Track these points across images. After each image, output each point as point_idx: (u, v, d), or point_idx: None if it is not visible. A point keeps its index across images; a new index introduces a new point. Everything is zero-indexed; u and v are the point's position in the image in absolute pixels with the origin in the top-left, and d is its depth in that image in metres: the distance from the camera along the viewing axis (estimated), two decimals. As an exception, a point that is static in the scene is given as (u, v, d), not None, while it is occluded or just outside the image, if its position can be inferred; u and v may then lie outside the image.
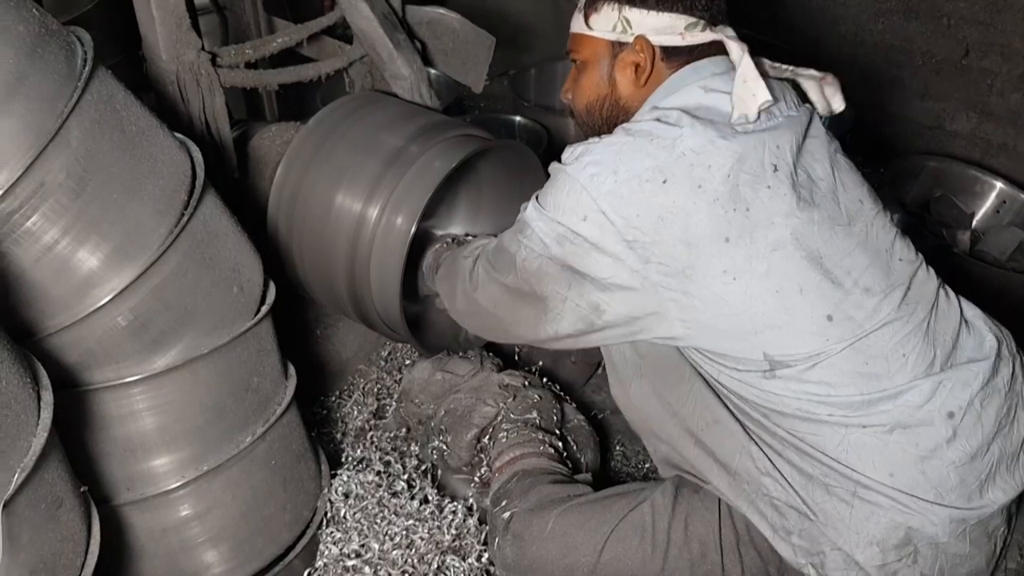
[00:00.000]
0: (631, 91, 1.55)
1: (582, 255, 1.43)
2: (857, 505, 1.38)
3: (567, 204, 1.42)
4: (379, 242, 1.88)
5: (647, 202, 1.36)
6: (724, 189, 1.35)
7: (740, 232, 1.36)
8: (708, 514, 1.55)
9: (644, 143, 1.39)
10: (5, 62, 1.21)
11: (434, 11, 2.30)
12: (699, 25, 1.47)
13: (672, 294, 1.39)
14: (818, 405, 1.39)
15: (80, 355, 1.38)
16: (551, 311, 1.49)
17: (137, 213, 1.38)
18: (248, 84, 1.99)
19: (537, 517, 1.66)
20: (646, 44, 1.50)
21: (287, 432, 1.70)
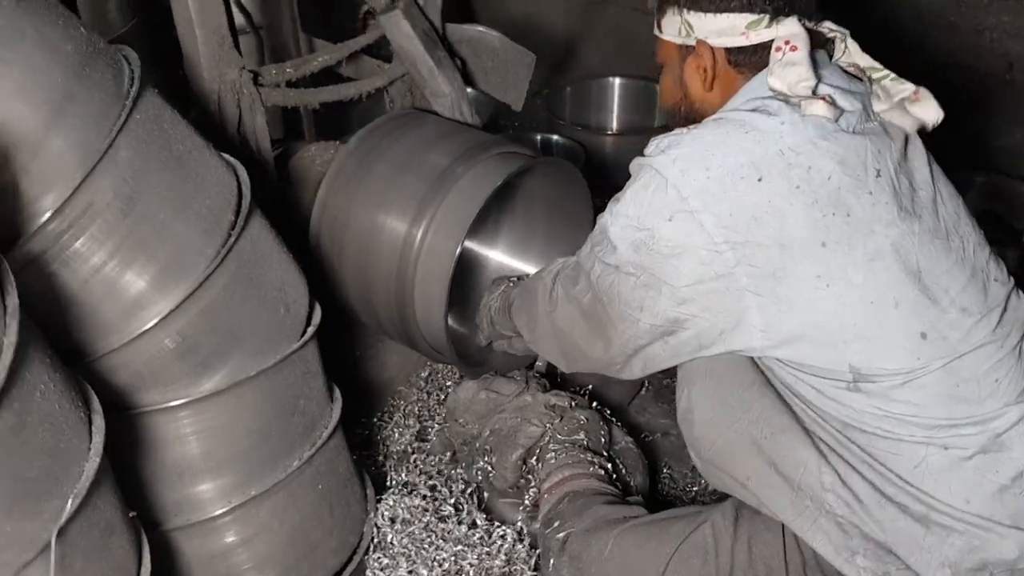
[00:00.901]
0: (702, 96, 1.51)
1: (661, 262, 1.37)
2: (933, 527, 1.33)
3: (651, 203, 1.36)
4: (423, 263, 1.85)
5: (741, 200, 1.31)
6: (824, 192, 1.30)
7: (838, 238, 1.30)
8: (771, 536, 1.50)
9: (739, 136, 1.34)
10: (53, 81, 1.20)
11: (474, 29, 2.28)
12: (763, 21, 1.40)
13: (758, 299, 1.34)
14: (901, 424, 1.34)
15: (128, 378, 1.36)
16: (626, 333, 1.45)
17: (185, 233, 1.35)
18: (290, 103, 1.98)
19: (595, 538, 1.62)
20: (708, 48, 1.46)
21: (334, 456, 1.67)
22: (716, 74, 1.47)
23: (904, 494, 1.35)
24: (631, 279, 1.41)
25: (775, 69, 1.37)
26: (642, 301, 1.40)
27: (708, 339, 1.41)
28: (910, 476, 1.34)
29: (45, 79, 1.19)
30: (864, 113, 1.38)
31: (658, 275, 1.38)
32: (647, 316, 1.41)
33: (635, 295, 1.41)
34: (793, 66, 1.35)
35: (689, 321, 1.39)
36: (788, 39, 1.37)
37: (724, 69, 1.47)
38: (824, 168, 1.31)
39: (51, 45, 1.21)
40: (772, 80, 1.37)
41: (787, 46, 1.36)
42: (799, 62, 1.35)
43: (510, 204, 2.24)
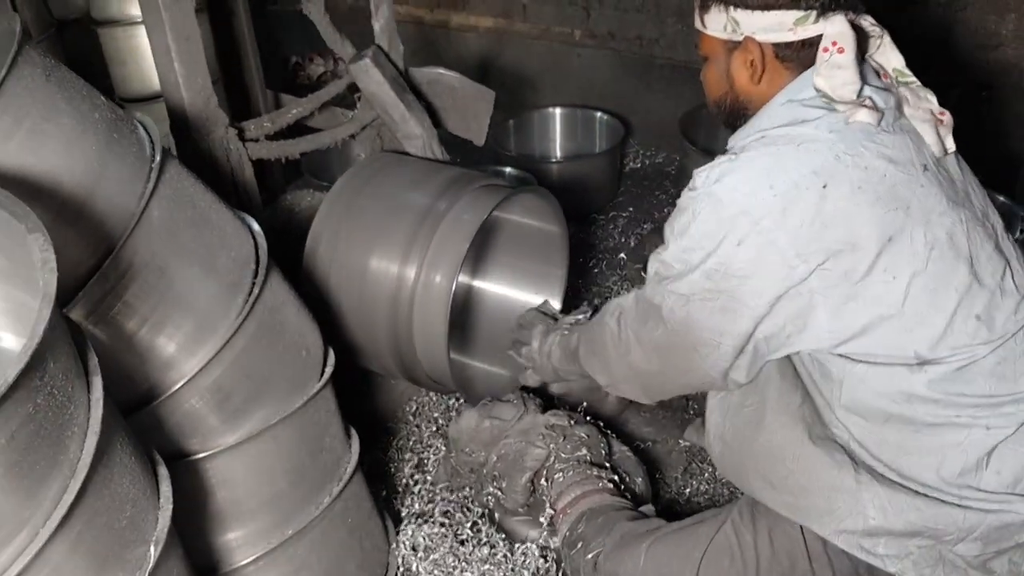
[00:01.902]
0: (749, 88, 1.54)
1: (736, 285, 1.41)
2: (969, 510, 1.40)
3: (718, 232, 1.40)
4: (420, 301, 1.92)
5: (810, 210, 1.36)
6: (883, 189, 1.37)
7: (901, 230, 1.37)
8: (789, 527, 1.56)
9: (792, 150, 1.39)
10: (88, 150, 1.25)
11: (433, 71, 2.37)
12: (810, 17, 1.43)
13: (828, 301, 1.39)
14: (950, 407, 1.40)
15: (170, 429, 1.40)
16: (709, 357, 1.49)
17: (215, 287, 1.41)
18: (273, 155, 2.04)
19: (627, 554, 1.68)
20: (755, 44, 1.48)
21: (358, 490, 1.72)
22: (765, 68, 1.50)
23: (946, 485, 1.42)
24: (708, 305, 1.45)
25: (822, 70, 1.42)
26: (721, 325, 1.45)
27: (776, 344, 1.47)
28: (951, 469, 1.41)
29: (81, 149, 1.23)
30: (897, 111, 1.46)
31: (736, 297, 1.42)
32: (728, 339, 1.46)
33: (713, 320, 1.46)
34: (840, 68, 1.41)
35: (759, 329, 1.45)
36: (835, 40, 1.41)
37: (772, 63, 1.50)
38: (878, 167, 1.37)
39: (83, 116, 1.25)
40: (818, 80, 1.43)
41: (834, 47, 1.41)
42: (846, 65, 1.41)
43: (491, 232, 2.34)
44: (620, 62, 3.77)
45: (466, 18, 4.19)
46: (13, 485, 0.89)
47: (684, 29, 3.56)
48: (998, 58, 2.98)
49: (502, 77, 3.96)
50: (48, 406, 0.91)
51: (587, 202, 3.29)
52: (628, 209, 3.39)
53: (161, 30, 1.74)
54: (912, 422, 1.43)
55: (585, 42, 3.85)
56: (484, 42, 4.14)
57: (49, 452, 0.93)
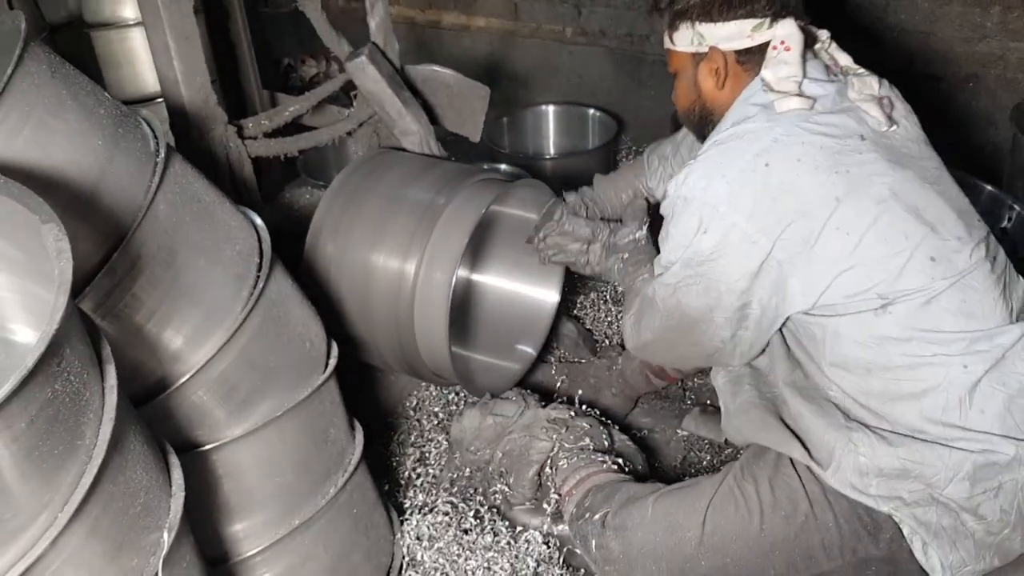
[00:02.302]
0: (715, 94, 1.72)
1: (709, 268, 1.58)
2: (955, 449, 1.48)
3: (687, 226, 1.58)
4: (420, 294, 1.94)
5: (758, 188, 1.51)
6: (821, 158, 1.51)
7: (847, 190, 1.50)
8: (787, 476, 1.64)
9: (737, 143, 1.56)
10: (95, 145, 1.27)
11: (429, 68, 2.39)
12: (765, 23, 1.62)
13: (795, 267, 1.53)
14: (924, 344, 1.50)
15: (178, 420, 1.41)
16: (708, 330, 1.65)
17: (221, 279, 1.42)
18: (271, 152, 2.06)
19: (635, 507, 1.74)
20: (719, 52, 1.67)
21: (362, 481, 1.74)
22: (728, 73, 1.69)
23: (931, 425, 1.50)
24: (692, 289, 1.62)
25: (769, 64, 1.61)
26: (708, 303, 1.62)
27: (769, 315, 1.61)
28: (933, 410, 1.50)
29: (88, 145, 1.25)
30: (838, 97, 1.61)
31: (712, 277, 1.59)
32: (718, 313, 1.62)
33: (700, 301, 1.62)
34: (784, 64, 1.59)
35: (752, 304, 1.59)
36: (784, 39, 1.60)
37: (734, 68, 1.68)
38: (815, 140, 1.52)
39: (88, 112, 1.27)
40: (765, 72, 1.60)
41: (782, 45, 1.60)
42: (791, 61, 1.59)
43: (489, 225, 2.36)
44: (611, 59, 3.80)
45: (457, 17, 4.22)
46: (33, 469, 0.91)
47: (674, 25, 3.59)
48: (983, 50, 3.02)
49: (495, 75, 3.98)
50: (65, 392, 0.93)
51: (581, 198, 3.31)
52: (622, 204, 3.41)
53: (160, 29, 1.76)
54: (890, 367, 1.53)
55: (577, 40, 3.87)
56: (476, 41, 4.17)
57: (67, 437, 0.95)
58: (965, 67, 3.09)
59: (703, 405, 2.39)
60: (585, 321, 2.71)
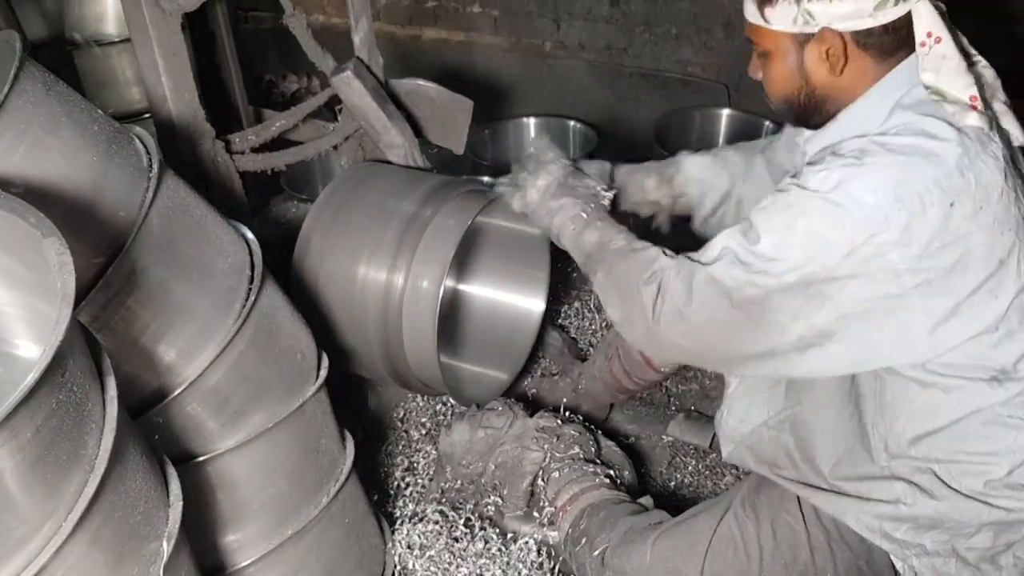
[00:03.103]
0: (829, 81, 1.45)
1: (830, 282, 1.35)
2: (994, 507, 1.43)
3: (828, 239, 1.33)
4: (408, 306, 1.97)
5: (931, 228, 1.29)
6: (999, 208, 1.32)
7: (1010, 251, 1.34)
8: (792, 519, 1.61)
9: (919, 162, 1.30)
10: (89, 162, 1.28)
11: (412, 82, 2.42)
12: (890, 1, 1.36)
13: (929, 318, 1.35)
14: (1012, 406, 1.41)
15: (172, 432, 1.43)
16: (762, 341, 1.42)
17: (214, 293, 1.44)
18: (259, 167, 2.08)
19: (634, 550, 1.72)
20: (834, 34, 1.40)
21: (354, 490, 1.76)
22: (847, 57, 1.42)
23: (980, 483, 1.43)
24: (792, 293, 1.37)
25: (926, 63, 1.35)
26: (798, 310, 1.37)
27: (864, 356, 1.41)
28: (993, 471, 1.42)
29: (82, 161, 1.27)
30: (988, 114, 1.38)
31: (824, 291, 1.35)
32: (800, 326, 1.38)
33: (795, 304, 1.37)
34: (945, 59, 1.34)
35: (840, 335, 1.38)
36: (930, 31, 1.35)
37: (854, 52, 1.41)
38: (995, 183, 1.32)
39: (82, 129, 1.29)
40: (926, 76, 1.35)
41: (930, 39, 1.35)
42: (951, 55, 1.34)
43: (475, 236, 2.39)
44: (590, 71, 3.85)
45: (438, 32, 4.26)
46: (37, 479, 0.93)
47: (652, 38, 3.65)
48: None
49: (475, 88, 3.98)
50: (69, 403, 0.95)
51: (564, 209, 3.34)
52: (605, 213, 3.45)
53: (149, 47, 1.78)
54: (962, 425, 1.42)
55: (556, 53, 3.93)
56: (456, 55, 4.21)
57: (70, 447, 0.96)
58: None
59: (687, 411, 2.43)
60: (570, 330, 2.74)
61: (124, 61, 3.29)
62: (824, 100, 1.49)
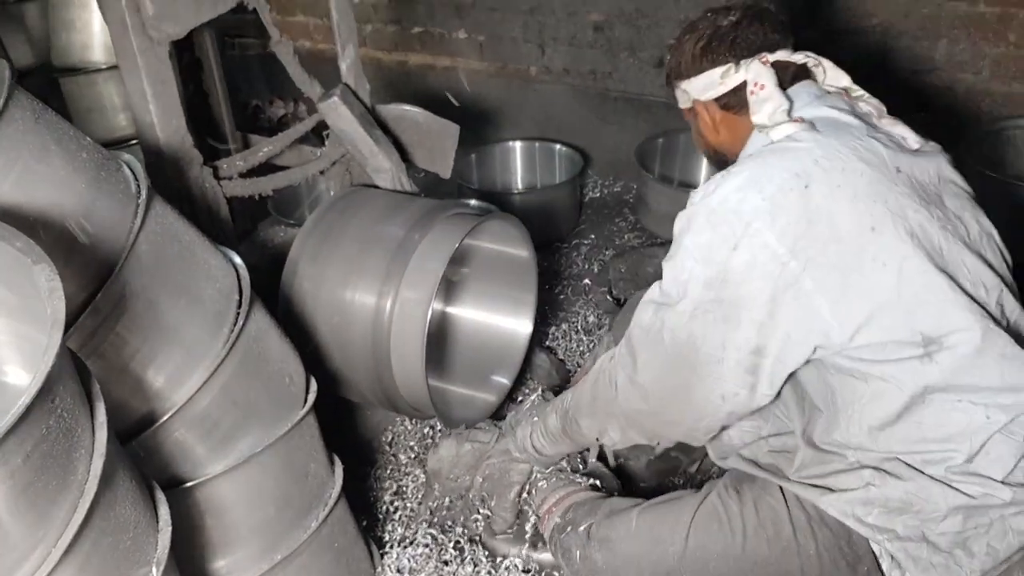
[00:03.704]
0: (716, 139, 1.77)
1: (734, 291, 1.47)
2: (958, 491, 1.47)
3: (714, 240, 1.48)
4: (397, 329, 1.97)
5: (794, 209, 1.44)
6: (860, 186, 1.47)
7: (882, 220, 1.45)
8: (774, 500, 1.66)
9: (777, 159, 1.51)
10: (78, 189, 1.29)
11: (399, 108, 2.45)
12: (731, 68, 1.66)
13: (827, 296, 1.44)
14: (958, 392, 1.46)
15: (160, 458, 1.43)
16: (709, 376, 1.54)
17: (202, 318, 1.45)
18: (247, 192, 2.09)
19: (619, 519, 1.77)
20: (702, 104, 1.74)
21: (342, 515, 1.76)
22: (718, 119, 1.73)
23: (941, 466, 1.48)
24: (709, 317, 1.50)
25: (754, 109, 1.61)
26: (724, 336, 1.50)
27: (790, 356, 1.49)
28: (951, 455, 1.47)
29: (72, 188, 1.28)
30: (861, 121, 1.58)
31: (736, 304, 1.48)
32: (731, 352, 1.50)
33: (717, 332, 1.50)
34: (766, 101, 1.59)
35: (770, 347, 1.48)
36: (755, 80, 1.62)
37: (720, 114, 1.72)
38: (856, 167, 1.48)
39: (71, 156, 1.30)
40: (755, 118, 1.60)
41: (756, 86, 1.62)
42: (769, 96, 1.59)
43: (463, 259, 2.40)
44: (576, 96, 3.89)
45: (424, 58, 4.29)
46: (27, 505, 0.93)
47: (635, 63, 3.69)
48: (933, 82, 3.13)
49: (461, 113, 4.03)
50: (58, 428, 0.95)
51: (550, 231, 3.37)
52: (590, 237, 3.48)
53: (137, 74, 1.79)
54: (917, 413, 1.48)
55: (541, 78, 3.96)
56: (442, 80, 4.24)
57: (60, 473, 0.97)
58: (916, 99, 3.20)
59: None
60: (558, 351, 2.75)
61: (110, 88, 3.30)
62: (722, 152, 1.79)
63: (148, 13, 1.74)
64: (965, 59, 3.03)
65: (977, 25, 2.96)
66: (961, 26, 2.99)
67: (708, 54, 1.67)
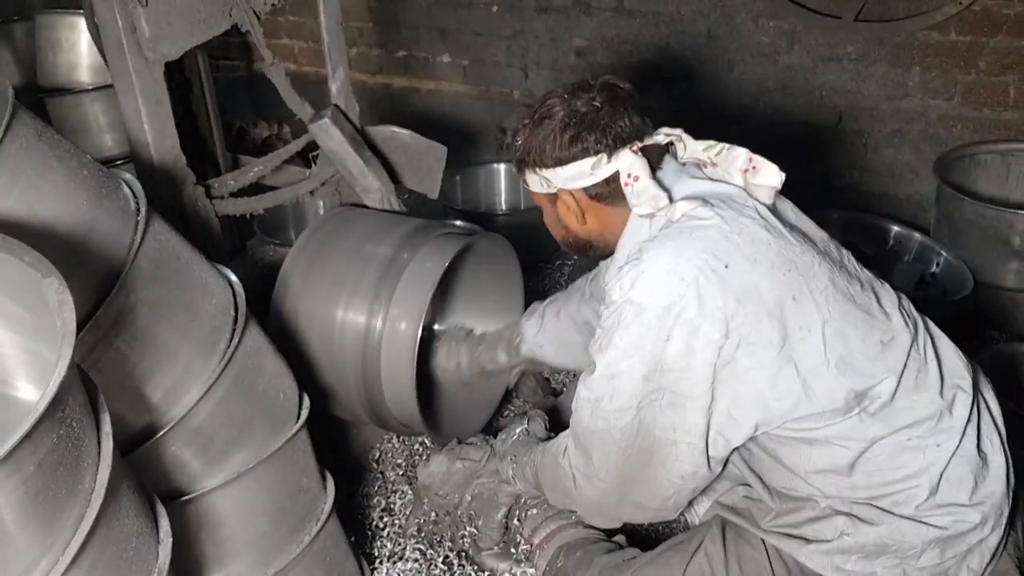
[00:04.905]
0: (581, 227, 1.69)
1: (675, 379, 1.46)
2: (930, 525, 1.50)
3: (647, 334, 1.45)
4: (387, 348, 2.00)
5: (720, 290, 1.43)
6: (771, 255, 1.47)
7: (799, 287, 1.46)
8: (757, 554, 1.66)
9: (688, 241, 1.47)
10: (80, 205, 1.31)
11: (388, 129, 2.48)
12: (602, 159, 1.56)
13: (764, 373, 1.45)
14: (904, 431, 1.49)
15: (156, 472, 1.44)
16: (668, 459, 1.53)
17: (199, 333, 1.47)
18: (239, 211, 2.11)
19: None
20: (567, 193, 1.64)
21: (334, 530, 1.77)
22: (584, 208, 1.65)
23: (909, 506, 1.51)
24: (655, 405, 1.50)
25: (633, 201, 1.57)
26: (673, 420, 1.49)
27: (735, 434, 1.51)
28: (916, 493, 1.50)
29: (74, 204, 1.30)
30: (739, 188, 1.57)
31: (678, 391, 1.47)
32: (682, 434, 1.50)
33: (665, 417, 1.50)
34: (643, 192, 1.55)
35: (714, 425, 1.50)
36: (629, 172, 1.55)
37: (588, 204, 1.65)
38: (761, 236, 1.48)
39: (73, 173, 1.32)
40: (637, 210, 1.57)
41: (631, 179, 1.55)
42: (645, 188, 1.54)
43: (452, 277, 2.44)
44: (558, 119, 3.94)
45: (408, 81, 4.34)
46: (38, 512, 0.95)
47: (618, 86, 3.75)
48: (906, 107, 3.22)
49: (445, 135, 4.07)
50: (68, 437, 0.97)
51: (534, 252, 3.40)
52: (573, 257, 3.52)
53: (132, 94, 1.82)
54: (872, 460, 1.50)
55: (524, 101, 4.02)
56: (426, 102, 4.30)
57: (69, 481, 0.98)
58: (890, 123, 3.29)
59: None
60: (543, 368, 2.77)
61: (97, 108, 3.31)
62: (587, 241, 1.73)
63: (144, 35, 1.77)
64: (937, 86, 3.12)
65: (949, 53, 3.05)
66: (933, 54, 3.08)
67: (577, 143, 1.56)
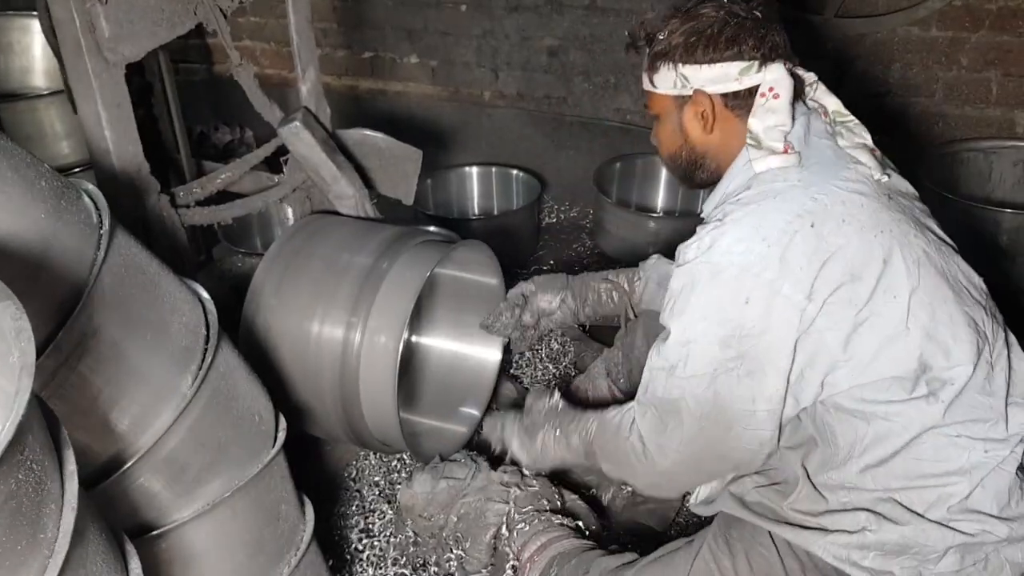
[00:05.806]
0: (703, 139, 1.61)
1: (754, 344, 1.41)
2: (956, 531, 1.43)
3: (723, 298, 1.41)
4: (366, 363, 1.90)
5: (805, 251, 1.38)
6: (864, 217, 1.42)
7: (891, 250, 1.41)
8: (765, 550, 1.59)
9: (770, 203, 1.43)
10: (37, 219, 1.21)
11: (360, 132, 2.39)
12: (753, 67, 1.51)
13: (839, 334, 1.40)
14: (958, 425, 1.43)
15: (125, 505, 1.34)
16: (747, 431, 1.48)
17: (169, 355, 1.37)
18: (205, 221, 2.01)
19: None
20: (705, 96, 1.55)
21: (314, 558, 1.68)
22: (716, 117, 1.57)
23: (940, 507, 1.44)
24: (732, 374, 1.44)
25: (757, 112, 1.51)
26: (752, 391, 1.44)
27: (803, 394, 1.46)
28: (950, 495, 1.43)
29: (30, 218, 1.19)
30: (837, 147, 1.52)
31: (758, 357, 1.42)
32: (761, 403, 1.45)
33: (743, 389, 1.45)
34: (772, 112, 1.49)
35: (790, 389, 1.45)
36: (772, 86, 1.50)
37: (722, 112, 1.57)
38: (854, 199, 1.44)
39: (29, 184, 1.22)
40: (752, 122, 1.51)
41: (771, 93, 1.50)
42: (779, 109, 1.50)
43: (431, 287, 2.35)
44: (531, 120, 3.87)
45: (375, 83, 4.24)
46: (-6, 569, 0.85)
47: (590, 88, 3.69)
48: (887, 105, 3.19)
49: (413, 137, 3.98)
50: (28, 481, 0.87)
51: (509, 257, 3.31)
52: (549, 262, 3.45)
53: (91, 98, 1.70)
54: (915, 448, 1.45)
55: (495, 102, 3.94)
56: (393, 104, 4.19)
57: (29, 531, 0.88)
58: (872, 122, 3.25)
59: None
60: (523, 380, 2.70)
61: (52, 114, 3.17)
62: (703, 156, 1.64)
63: (104, 34, 1.66)
64: (918, 83, 3.09)
65: (929, 49, 3.03)
66: (914, 50, 3.05)
67: (734, 45, 1.51)
